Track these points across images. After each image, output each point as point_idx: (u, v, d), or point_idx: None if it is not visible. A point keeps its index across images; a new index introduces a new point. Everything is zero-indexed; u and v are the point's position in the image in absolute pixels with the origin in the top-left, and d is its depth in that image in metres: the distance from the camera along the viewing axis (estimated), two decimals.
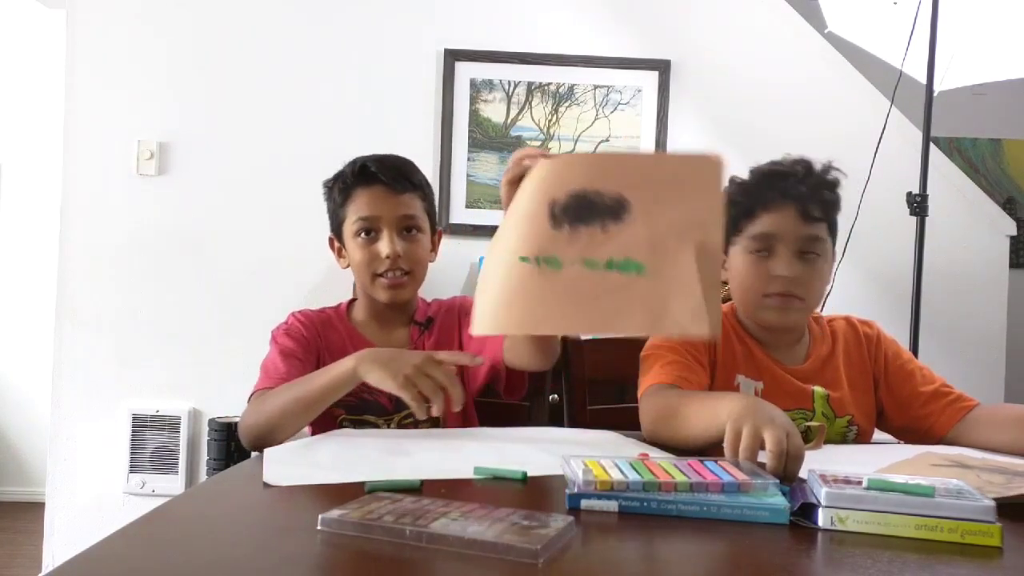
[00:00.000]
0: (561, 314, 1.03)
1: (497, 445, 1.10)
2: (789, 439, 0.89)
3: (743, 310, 1.37)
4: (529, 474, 0.92)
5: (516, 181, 1.02)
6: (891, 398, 1.35)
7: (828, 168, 1.31)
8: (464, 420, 1.37)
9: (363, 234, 1.37)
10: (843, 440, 1.32)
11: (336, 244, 1.45)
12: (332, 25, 2.65)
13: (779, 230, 1.27)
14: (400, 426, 1.33)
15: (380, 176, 1.36)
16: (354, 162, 1.40)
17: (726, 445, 0.93)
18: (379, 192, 1.36)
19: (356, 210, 1.37)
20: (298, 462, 0.98)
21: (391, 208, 1.36)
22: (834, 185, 1.31)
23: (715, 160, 1.00)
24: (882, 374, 1.36)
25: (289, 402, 1.17)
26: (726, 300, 1.47)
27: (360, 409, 1.31)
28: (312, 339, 1.37)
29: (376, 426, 1.32)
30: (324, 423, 1.25)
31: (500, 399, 1.42)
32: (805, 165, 1.30)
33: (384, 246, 1.35)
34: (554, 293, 1.03)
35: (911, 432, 1.33)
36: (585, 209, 1.02)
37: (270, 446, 1.08)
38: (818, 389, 1.31)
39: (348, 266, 1.42)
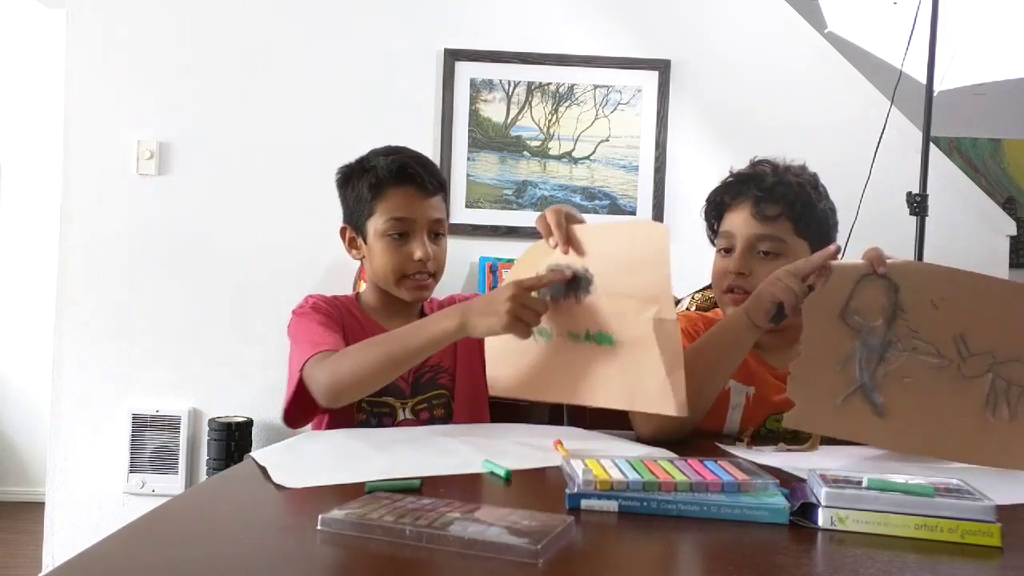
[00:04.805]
0: (556, 383, 1.16)
1: (494, 443, 1.09)
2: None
3: (720, 308, 1.40)
4: (526, 469, 0.92)
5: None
6: None
7: (792, 170, 1.34)
8: (475, 417, 1.38)
9: (394, 234, 1.35)
10: None
11: (349, 234, 1.41)
12: (332, 25, 2.65)
13: (735, 229, 1.33)
14: (413, 412, 1.34)
15: (416, 178, 1.34)
16: (388, 157, 1.36)
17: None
18: (413, 193, 1.35)
19: (390, 209, 1.34)
20: (302, 464, 0.98)
21: (424, 211, 1.35)
22: (795, 185, 1.32)
23: (661, 230, 1.08)
24: None
25: (380, 358, 1.18)
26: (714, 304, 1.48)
27: (380, 391, 1.28)
28: (337, 318, 1.37)
29: (393, 408, 1.33)
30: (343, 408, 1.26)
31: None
32: (772, 167, 1.35)
33: (418, 250, 1.34)
34: (548, 363, 1.17)
35: None
36: (559, 283, 1.13)
37: (352, 400, 1.23)
38: None
39: (361, 257, 1.40)
